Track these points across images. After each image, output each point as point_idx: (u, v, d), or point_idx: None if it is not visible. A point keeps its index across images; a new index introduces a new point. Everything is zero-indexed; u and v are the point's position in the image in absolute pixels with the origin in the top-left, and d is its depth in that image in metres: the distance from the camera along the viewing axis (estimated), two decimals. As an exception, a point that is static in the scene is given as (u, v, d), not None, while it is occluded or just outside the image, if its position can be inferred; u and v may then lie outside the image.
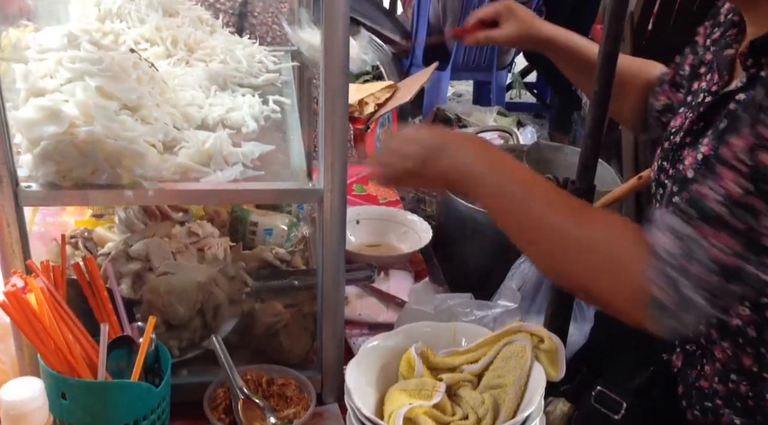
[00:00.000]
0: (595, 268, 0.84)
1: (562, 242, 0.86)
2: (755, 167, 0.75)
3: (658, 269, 0.78)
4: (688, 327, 0.80)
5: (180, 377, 1.10)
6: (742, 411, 1.01)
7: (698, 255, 0.77)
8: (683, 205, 0.80)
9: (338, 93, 0.96)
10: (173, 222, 1.29)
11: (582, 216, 0.87)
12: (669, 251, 0.78)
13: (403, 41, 3.91)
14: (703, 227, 0.77)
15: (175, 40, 1.35)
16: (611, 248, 0.84)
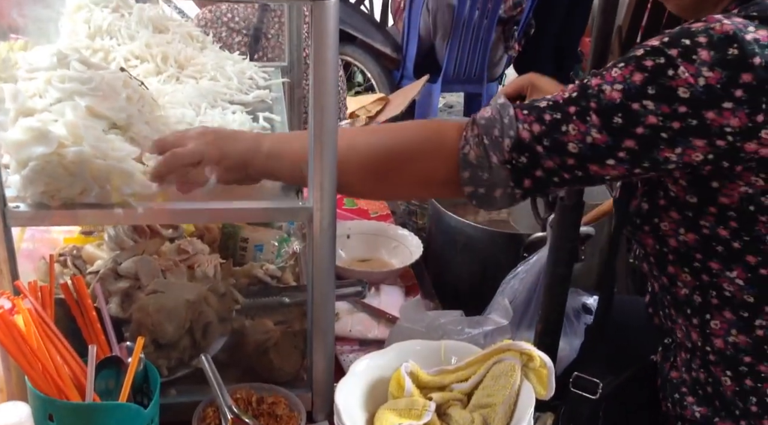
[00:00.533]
0: (413, 153, 0.98)
1: (380, 146, 1.01)
2: (586, 84, 0.90)
3: (471, 130, 0.94)
4: (490, 191, 0.94)
5: (169, 396, 1.10)
6: (703, 399, 1.04)
7: (503, 122, 0.91)
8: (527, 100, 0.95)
9: (327, 110, 0.96)
10: (163, 239, 1.29)
11: (381, 129, 1.05)
12: (485, 117, 0.94)
13: (394, 54, 3.93)
14: (522, 110, 0.93)
15: (165, 57, 1.35)
16: (425, 130, 1.00)
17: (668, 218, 0.99)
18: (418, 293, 1.59)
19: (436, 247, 2.02)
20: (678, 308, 1.06)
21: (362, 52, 3.93)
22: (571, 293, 1.32)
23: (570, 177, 0.92)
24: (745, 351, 0.99)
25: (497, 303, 1.36)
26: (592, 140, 0.88)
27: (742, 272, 0.96)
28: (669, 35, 0.87)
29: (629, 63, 0.87)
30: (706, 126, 0.84)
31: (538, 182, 0.93)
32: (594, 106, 0.88)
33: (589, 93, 0.89)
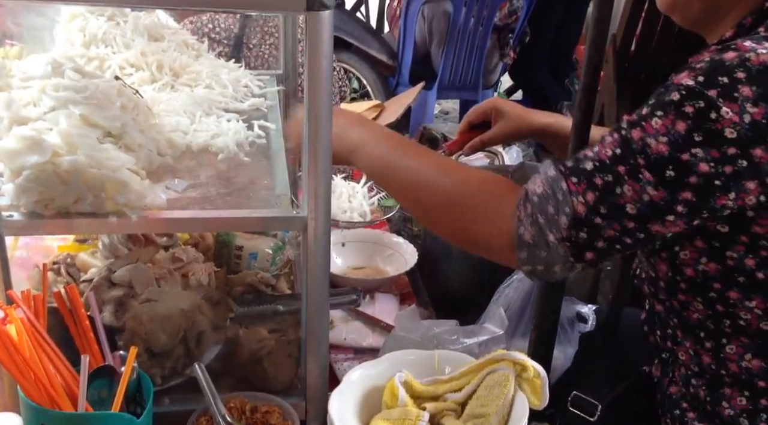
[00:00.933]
0: (470, 214, 0.95)
1: (442, 194, 0.98)
2: (627, 137, 0.86)
3: (525, 210, 0.90)
4: (549, 268, 0.91)
5: (162, 405, 1.09)
6: (705, 415, 1.03)
7: (557, 198, 0.88)
8: (569, 162, 0.91)
9: (321, 119, 0.96)
10: (157, 247, 1.29)
11: (459, 170, 0.99)
12: (537, 193, 0.90)
13: (390, 61, 3.94)
14: (570, 178, 0.88)
15: (161, 65, 1.35)
16: (485, 194, 0.96)
17: (691, 247, 0.95)
18: (413, 301, 1.59)
19: (431, 254, 2.02)
20: (687, 332, 1.03)
21: (358, 59, 3.93)
22: (565, 302, 1.32)
23: (632, 241, 0.88)
24: (758, 376, 0.97)
25: (492, 312, 1.35)
26: (649, 198, 0.84)
27: (761, 302, 0.93)
28: (703, 72, 0.83)
29: (668, 111, 0.83)
30: (755, 165, 0.81)
31: (600, 253, 0.89)
32: (643, 162, 0.84)
33: (634, 148, 0.85)
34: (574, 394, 1.09)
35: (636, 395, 1.15)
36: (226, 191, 1.10)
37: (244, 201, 1.07)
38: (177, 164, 1.14)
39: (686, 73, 0.85)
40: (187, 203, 1.05)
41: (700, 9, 0.98)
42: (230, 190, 1.10)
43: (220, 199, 1.07)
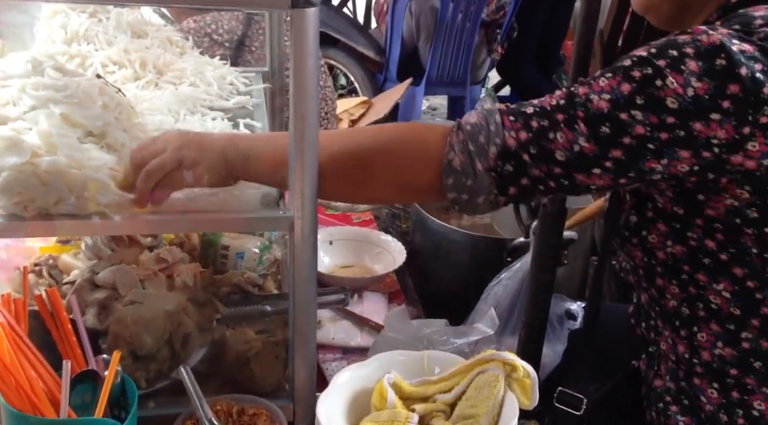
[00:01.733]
0: (396, 158, 0.96)
1: (363, 148, 0.98)
2: (573, 92, 0.89)
3: (456, 136, 0.92)
4: (473, 198, 0.92)
5: (147, 409, 1.08)
6: (687, 409, 1.04)
7: (489, 129, 0.90)
8: (512, 105, 0.93)
9: (308, 117, 0.95)
10: (141, 248, 1.27)
11: (376, 129, 1.00)
12: (470, 123, 0.92)
13: (378, 57, 3.92)
14: (508, 116, 0.91)
15: (144, 63, 1.33)
16: (405, 135, 0.97)
17: (656, 231, 0.98)
18: (402, 300, 1.58)
19: (419, 252, 2.01)
20: (666, 320, 1.05)
21: (345, 55, 3.91)
22: (554, 299, 1.32)
23: (555, 186, 0.91)
24: (731, 364, 0.99)
25: (481, 310, 1.35)
26: (579, 149, 0.87)
27: (729, 285, 0.95)
28: (656, 46, 0.86)
29: (617, 73, 0.86)
30: (693, 137, 0.84)
31: (523, 190, 0.92)
32: (582, 115, 0.87)
33: (576, 101, 0.88)
34: (560, 390, 1.10)
35: (623, 389, 1.16)
36: (211, 191, 1.08)
37: (229, 201, 1.05)
38: (161, 163, 1.12)
39: (642, 48, 0.87)
40: (171, 204, 1.03)
41: (669, 8, 1.01)
42: (215, 190, 1.08)
43: (205, 199, 1.05)
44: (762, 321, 0.95)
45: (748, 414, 0.99)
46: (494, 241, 1.85)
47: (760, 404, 0.98)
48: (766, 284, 0.93)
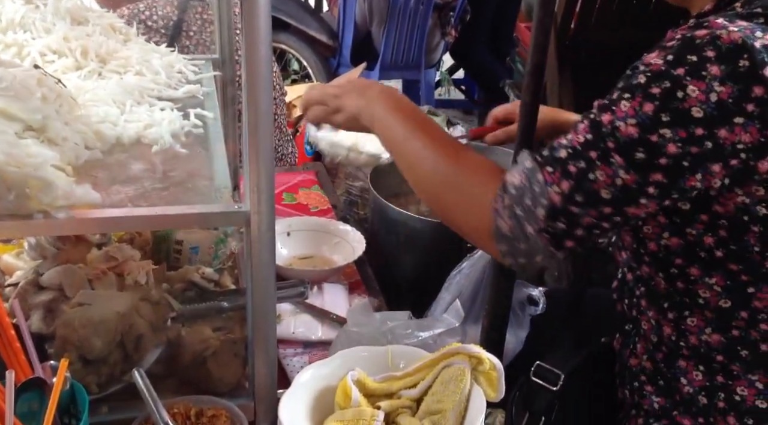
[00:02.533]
0: (456, 201, 0.97)
1: (437, 177, 0.99)
2: (597, 121, 0.86)
3: (502, 202, 0.90)
4: (530, 259, 0.91)
5: (100, 415, 1.03)
6: (664, 389, 1.04)
7: (534, 190, 0.87)
8: (544, 150, 0.91)
9: (262, 108, 0.91)
10: (89, 245, 1.21)
11: (458, 157, 0.99)
12: (515, 185, 0.90)
13: (330, 41, 3.86)
14: (546, 168, 0.88)
15: (85, 51, 1.26)
16: (472, 184, 0.96)
17: (654, 222, 0.96)
18: (362, 290, 1.55)
19: (378, 240, 1.98)
20: (652, 301, 1.04)
21: (297, 40, 3.85)
22: (516, 285, 1.31)
23: (610, 225, 0.88)
24: (717, 350, 0.98)
25: (443, 300, 1.33)
26: (621, 182, 0.84)
27: (721, 279, 0.94)
28: (673, 52, 0.83)
29: (636, 93, 0.83)
30: (720, 147, 0.81)
31: (579, 240, 0.89)
32: (613, 145, 0.84)
33: (604, 132, 0.85)
34: (538, 364, 1.09)
35: (595, 365, 1.16)
36: (162, 186, 1.03)
37: (181, 196, 1.01)
38: (107, 157, 1.06)
39: (656, 53, 0.84)
40: (120, 200, 0.98)
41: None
42: (166, 184, 1.04)
43: (156, 194, 1.01)
44: (751, 313, 0.94)
45: (729, 398, 0.98)
46: (454, 227, 1.83)
47: (743, 390, 0.98)
48: (760, 279, 0.92)
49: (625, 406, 1.11)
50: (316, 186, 2.00)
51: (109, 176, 1.04)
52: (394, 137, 1.06)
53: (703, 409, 1.00)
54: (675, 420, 1.03)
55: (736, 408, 0.98)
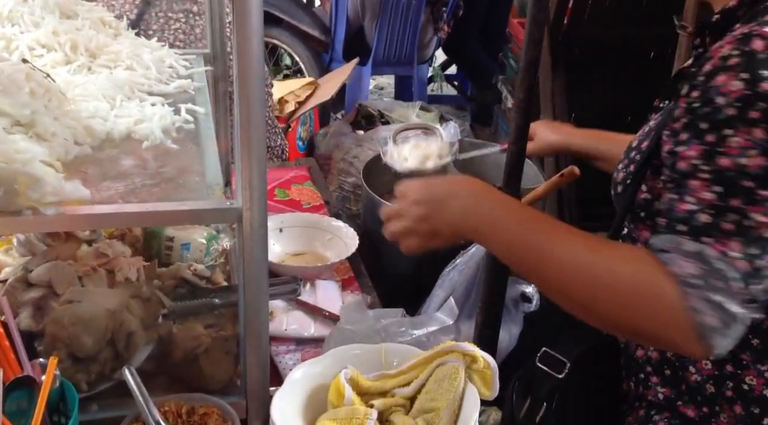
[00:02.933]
0: (629, 306, 0.86)
1: (587, 281, 0.88)
2: (714, 170, 0.83)
3: (692, 299, 0.82)
4: (738, 338, 0.84)
5: (90, 413, 1.02)
6: (670, 379, 1.04)
7: (717, 268, 0.81)
8: (677, 225, 0.85)
9: (254, 104, 0.90)
10: (79, 242, 1.20)
11: (600, 253, 0.89)
12: (694, 275, 0.82)
13: (322, 36, 3.84)
14: (707, 240, 0.82)
15: (75, 45, 1.25)
16: (640, 286, 0.85)
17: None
18: (355, 287, 1.55)
19: (371, 236, 1.97)
20: None
21: (289, 35, 3.82)
22: (509, 282, 1.30)
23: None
24: None
25: (437, 297, 1.33)
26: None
27: None
28: (742, 70, 0.82)
29: (734, 124, 0.82)
30: None
31: (765, 292, 0.85)
32: (750, 183, 0.81)
33: (731, 176, 0.82)
34: (544, 351, 1.07)
35: (598, 357, 1.15)
36: (153, 182, 1.02)
37: (172, 193, 1.00)
38: (97, 153, 1.05)
39: (725, 77, 0.83)
40: (110, 197, 0.97)
41: None
42: (157, 181, 1.03)
43: (146, 191, 1.00)
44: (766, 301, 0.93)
45: (738, 387, 0.98)
46: (447, 224, 1.82)
47: (752, 379, 0.98)
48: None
49: (629, 398, 1.11)
50: (309, 182, 1.99)
51: (99, 171, 1.03)
52: (519, 248, 0.94)
53: (710, 398, 1.00)
54: (678, 411, 1.03)
55: (743, 397, 0.98)
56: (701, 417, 1.01)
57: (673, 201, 0.87)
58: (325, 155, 3.00)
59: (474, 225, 0.97)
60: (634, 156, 1.04)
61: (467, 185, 1.01)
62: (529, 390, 1.07)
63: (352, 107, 3.52)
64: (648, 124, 1.07)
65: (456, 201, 0.98)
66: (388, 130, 2.82)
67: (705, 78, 0.85)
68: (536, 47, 1.04)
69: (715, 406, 1.00)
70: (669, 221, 0.87)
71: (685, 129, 0.87)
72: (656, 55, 2.71)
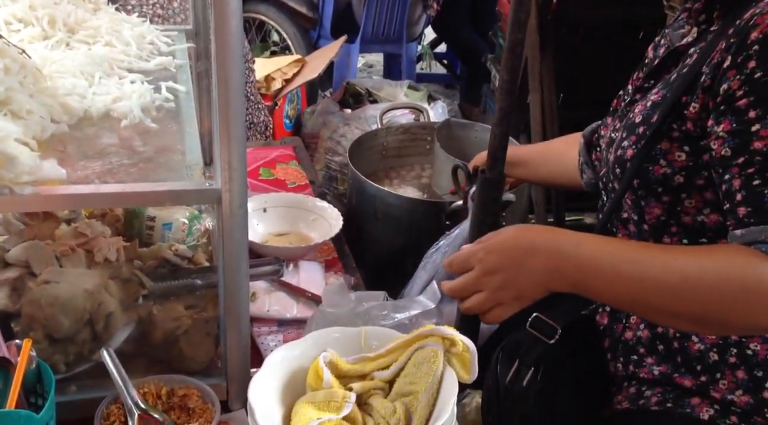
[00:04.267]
0: (740, 303, 0.85)
1: (699, 291, 0.86)
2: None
3: None
4: None
5: (69, 394, 1.02)
6: (665, 354, 1.04)
7: None
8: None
9: (232, 83, 0.88)
10: (58, 221, 1.18)
11: (703, 259, 0.87)
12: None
13: (310, 13, 3.80)
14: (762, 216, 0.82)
15: (53, 20, 1.22)
16: (747, 279, 0.84)
17: (699, 197, 0.95)
18: (338, 267, 1.54)
19: (356, 215, 1.97)
20: None
21: (276, 11, 3.77)
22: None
23: None
24: None
25: (420, 279, 1.32)
26: None
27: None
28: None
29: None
30: None
31: None
32: None
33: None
34: (536, 316, 1.04)
35: (588, 327, 1.16)
36: (131, 162, 1.01)
37: (151, 172, 0.99)
38: (74, 131, 1.04)
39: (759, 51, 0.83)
40: (87, 176, 0.96)
41: None
42: (135, 160, 1.01)
43: (124, 170, 0.99)
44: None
45: (742, 353, 0.98)
46: (433, 204, 1.82)
47: (756, 345, 0.98)
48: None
49: (617, 379, 1.11)
50: (294, 162, 1.97)
51: (77, 150, 1.02)
52: (625, 282, 0.90)
53: (711, 366, 1.00)
54: (674, 383, 1.02)
55: (747, 362, 0.98)
56: (698, 386, 1.01)
57: (758, 187, 0.85)
58: (313, 133, 2.97)
59: (568, 281, 0.93)
60: (642, 132, 1.02)
61: (534, 236, 0.96)
62: (517, 355, 1.07)
63: (339, 85, 3.49)
64: (648, 98, 1.05)
65: (535, 260, 0.94)
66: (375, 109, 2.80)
67: (761, 48, 0.84)
68: (521, 28, 1.02)
69: (715, 373, 1.00)
70: (756, 209, 0.85)
71: (754, 105, 0.85)
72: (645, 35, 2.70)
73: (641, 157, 1.00)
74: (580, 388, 1.11)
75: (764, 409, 0.97)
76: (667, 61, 1.07)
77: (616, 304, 0.99)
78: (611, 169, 1.08)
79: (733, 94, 0.88)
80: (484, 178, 1.13)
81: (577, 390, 1.11)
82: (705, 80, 0.93)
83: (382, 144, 2.25)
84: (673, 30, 1.12)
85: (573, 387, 1.10)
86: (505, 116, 1.09)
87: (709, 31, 0.99)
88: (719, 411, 0.99)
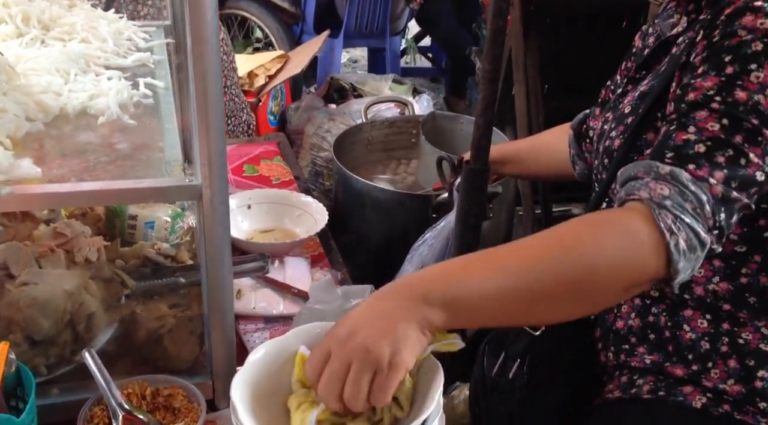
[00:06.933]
0: (622, 266, 0.81)
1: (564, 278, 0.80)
2: (729, 102, 0.82)
3: (665, 218, 0.81)
4: (697, 268, 0.84)
5: (51, 396, 1.00)
6: (656, 343, 1.03)
7: (689, 190, 0.81)
8: (667, 153, 0.84)
9: (210, 77, 0.87)
10: (36, 222, 1.16)
11: (549, 245, 0.82)
12: (665, 196, 0.82)
13: (293, 8, 3.77)
14: (687, 166, 0.82)
15: (27, 17, 1.20)
16: (626, 233, 0.81)
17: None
18: (325, 262, 1.53)
19: (343, 209, 1.96)
20: None
21: (258, 7, 3.75)
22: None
23: (756, 208, 0.87)
24: (724, 299, 0.98)
25: (406, 271, 1.31)
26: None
27: (739, 228, 0.94)
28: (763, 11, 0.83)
29: (760, 61, 0.82)
30: None
31: (730, 227, 0.85)
32: (757, 121, 0.81)
33: (741, 112, 0.82)
34: None
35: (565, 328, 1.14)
36: (109, 159, 0.99)
37: (129, 170, 0.97)
38: (50, 129, 1.02)
39: (753, 16, 0.83)
40: (63, 175, 0.94)
41: None
42: (113, 157, 1.00)
43: (102, 168, 0.97)
44: (764, 256, 0.95)
45: (733, 342, 0.98)
46: (418, 197, 1.81)
47: (748, 335, 0.98)
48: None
49: (608, 369, 1.11)
50: (278, 158, 1.96)
51: (53, 149, 1.00)
52: (502, 295, 0.79)
53: (703, 355, 0.99)
54: (666, 372, 1.02)
55: (738, 351, 0.98)
56: (690, 374, 1.01)
57: (671, 132, 0.86)
58: (298, 129, 2.96)
59: (430, 299, 0.76)
60: (630, 123, 1.02)
61: (373, 297, 0.80)
62: (503, 347, 1.07)
63: (323, 81, 3.47)
64: (638, 89, 1.05)
65: (384, 303, 0.77)
66: (360, 103, 2.78)
67: (727, 19, 0.85)
68: (501, 17, 1.02)
69: (707, 362, 0.99)
70: (656, 150, 0.86)
71: (704, 62, 0.86)
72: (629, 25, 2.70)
73: (627, 147, 1.00)
74: (568, 379, 1.11)
75: (756, 398, 0.97)
76: (658, 52, 1.07)
77: (487, 302, 0.79)
78: (600, 160, 1.08)
79: (695, 59, 0.90)
80: (468, 168, 1.13)
81: (566, 381, 1.10)
82: (682, 57, 0.94)
83: (367, 138, 2.24)
84: (663, 19, 1.12)
85: (561, 377, 1.10)
86: (489, 105, 1.08)
87: (698, 20, 0.98)
88: (712, 400, 0.99)
